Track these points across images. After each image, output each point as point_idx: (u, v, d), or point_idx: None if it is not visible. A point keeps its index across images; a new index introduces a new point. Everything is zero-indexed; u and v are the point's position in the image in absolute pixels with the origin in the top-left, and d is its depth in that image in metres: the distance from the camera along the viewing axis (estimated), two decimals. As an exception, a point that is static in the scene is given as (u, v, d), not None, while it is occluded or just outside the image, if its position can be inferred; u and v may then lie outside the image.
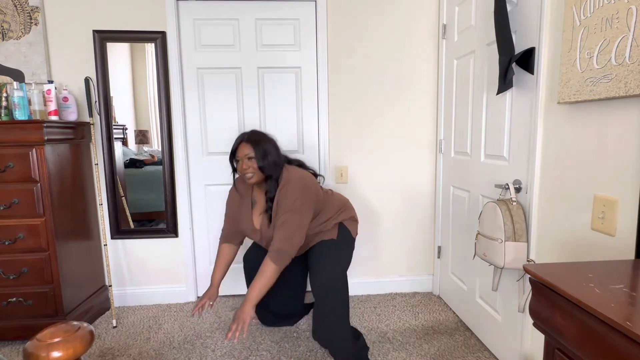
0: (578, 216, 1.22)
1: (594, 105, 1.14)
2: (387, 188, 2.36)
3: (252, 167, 1.53)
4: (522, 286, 1.47)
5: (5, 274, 1.81)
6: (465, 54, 1.93)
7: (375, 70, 2.26)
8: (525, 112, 1.46)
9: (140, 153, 2.26)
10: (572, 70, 1.17)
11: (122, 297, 2.30)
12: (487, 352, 1.76)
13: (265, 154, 1.54)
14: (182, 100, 2.20)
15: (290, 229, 1.50)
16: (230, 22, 2.18)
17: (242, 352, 1.79)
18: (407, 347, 1.81)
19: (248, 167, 1.53)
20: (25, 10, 2.04)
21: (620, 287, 0.71)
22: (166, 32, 2.13)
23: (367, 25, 2.22)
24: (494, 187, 1.67)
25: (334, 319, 1.57)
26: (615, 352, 0.61)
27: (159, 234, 2.28)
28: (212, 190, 2.30)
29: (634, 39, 0.96)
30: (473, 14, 1.85)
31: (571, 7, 1.17)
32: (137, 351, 1.81)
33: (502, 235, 1.40)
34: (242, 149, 1.55)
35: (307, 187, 1.57)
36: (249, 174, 1.53)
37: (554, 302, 0.75)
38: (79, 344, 0.87)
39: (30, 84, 2.02)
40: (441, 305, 2.24)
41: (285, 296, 1.96)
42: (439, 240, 2.35)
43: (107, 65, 2.12)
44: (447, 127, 2.19)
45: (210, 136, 2.25)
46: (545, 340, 0.82)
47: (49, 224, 1.81)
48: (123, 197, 2.24)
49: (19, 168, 1.75)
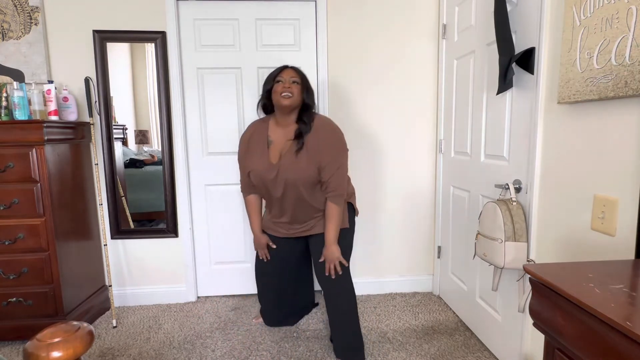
0: (578, 216, 1.22)
1: (594, 105, 1.14)
2: (387, 188, 2.36)
3: (295, 90, 1.57)
4: (522, 286, 1.47)
5: (5, 274, 1.81)
6: (465, 54, 1.93)
7: (375, 70, 2.26)
8: (525, 112, 1.46)
9: (140, 153, 2.26)
10: (572, 70, 1.17)
11: (122, 297, 2.30)
12: (487, 352, 1.76)
13: (309, 87, 1.64)
14: (182, 100, 2.20)
15: (342, 172, 1.61)
16: (230, 22, 2.18)
17: (242, 352, 1.79)
18: (407, 347, 1.81)
19: (290, 87, 1.56)
20: (25, 10, 2.04)
21: (620, 287, 0.71)
22: (166, 32, 2.13)
23: (367, 25, 2.22)
24: (494, 187, 1.67)
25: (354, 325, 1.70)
26: (615, 352, 0.61)
27: (159, 234, 2.28)
28: (212, 190, 2.30)
29: (634, 39, 0.96)
30: (473, 14, 1.85)
31: (571, 7, 1.17)
32: (137, 351, 1.81)
33: (502, 235, 1.40)
34: (288, 71, 1.61)
35: (341, 133, 1.65)
36: (289, 94, 1.55)
37: (554, 302, 0.75)
38: (79, 344, 0.87)
39: (30, 84, 2.02)
40: (441, 305, 2.24)
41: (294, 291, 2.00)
42: (439, 240, 2.35)
43: (107, 65, 2.12)
44: (447, 127, 2.19)
45: (210, 136, 2.25)
46: (545, 340, 0.82)
47: (49, 224, 1.81)
48: (123, 197, 2.24)
49: (19, 168, 1.75)
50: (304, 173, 1.57)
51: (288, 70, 1.61)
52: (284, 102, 1.55)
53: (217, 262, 2.36)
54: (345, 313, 1.69)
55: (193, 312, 2.19)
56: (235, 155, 2.26)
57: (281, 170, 1.59)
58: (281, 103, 1.56)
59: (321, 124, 1.61)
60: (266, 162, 1.63)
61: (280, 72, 1.61)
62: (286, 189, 1.62)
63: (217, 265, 2.37)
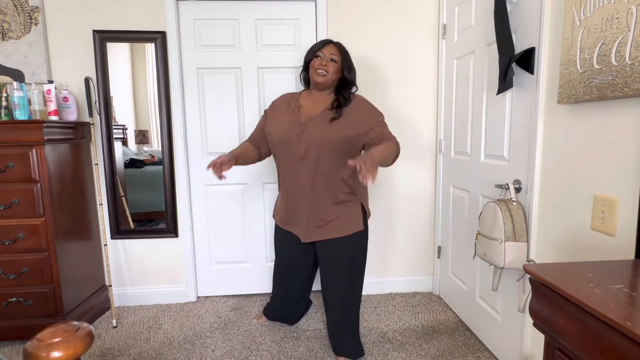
0: (578, 216, 1.22)
1: (594, 105, 1.14)
2: (387, 188, 2.36)
3: (330, 68, 1.57)
4: (522, 286, 1.47)
5: (5, 274, 1.81)
6: (465, 54, 1.93)
7: (375, 70, 2.26)
8: (525, 112, 1.46)
9: (140, 153, 2.26)
10: (572, 70, 1.17)
11: (122, 297, 2.30)
12: (487, 352, 1.76)
13: (350, 65, 1.63)
14: (182, 100, 2.20)
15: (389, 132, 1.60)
16: (230, 22, 2.18)
17: (242, 352, 1.79)
18: (407, 347, 1.81)
19: (327, 64, 1.56)
20: (25, 10, 2.04)
21: (620, 287, 0.71)
22: (166, 32, 2.13)
23: (366, 25, 2.22)
24: (494, 187, 1.67)
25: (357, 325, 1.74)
26: (615, 352, 0.61)
27: (159, 234, 2.28)
28: (212, 190, 2.30)
29: (634, 39, 0.96)
30: (473, 14, 1.85)
31: (571, 7, 1.17)
32: (137, 351, 1.81)
33: (502, 235, 1.40)
34: (329, 48, 1.59)
35: None
36: (324, 71, 1.56)
37: (554, 302, 0.75)
38: (79, 344, 0.87)
39: (30, 84, 2.02)
40: (441, 305, 2.24)
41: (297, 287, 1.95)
42: (439, 240, 2.35)
43: (107, 65, 2.12)
44: (447, 127, 2.19)
45: (210, 136, 2.25)
46: (545, 340, 0.82)
47: (49, 224, 1.81)
48: (123, 197, 2.24)
49: (19, 168, 1.75)
50: (333, 134, 1.52)
51: (329, 46, 1.60)
52: (318, 79, 1.57)
53: (217, 262, 2.36)
54: (350, 314, 1.72)
55: (193, 312, 2.19)
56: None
57: (308, 128, 1.55)
58: (315, 79, 1.58)
59: (361, 99, 1.64)
60: (294, 118, 1.59)
61: (321, 47, 1.60)
62: (309, 150, 1.53)
63: (217, 265, 2.37)
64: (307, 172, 1.57)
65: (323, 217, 1.62)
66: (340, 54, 1.60)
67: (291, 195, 1.65)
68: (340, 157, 1.55)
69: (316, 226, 1.64)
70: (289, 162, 1.61)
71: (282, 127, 1.59)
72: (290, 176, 1.63)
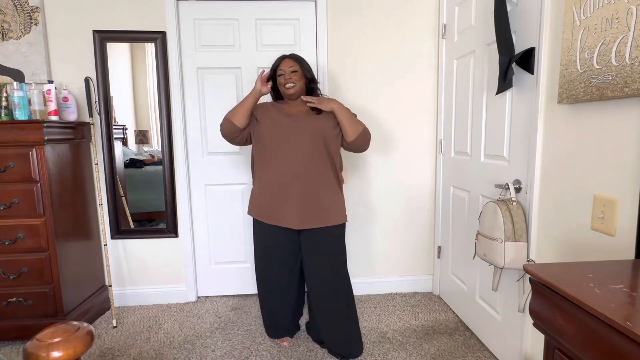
0: (578, 216, 1.22)
1: (594, 105, 1.14)
2: (387, 188, 2.36)
3: (295, 77, 1.68)
4: (522, 286, 1.47)
5: (5, 274, 1.81)
6: (465, 54, 1.93)
7: (375, 70, 2.26)
8: (525, 112, 1.46)
9: (140, 153, 2.26)
10: (572, 70, 1.17)
11: (122, 297, 2.30)
12: (487, 352, 1.76)
13: (309, 68, 1.74)
14: (182, 100, 2.20)
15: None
16: (230, 22, 2.18)
17: (242, 352, 1.79)
18: (407, 347, 1.81)
19: (291, 77, 1.67)
20: (25, 10, 2.04)
21: (620, 287, 0.71)
22: (166, 32, 2.13)
23: (367, 25, 2.22)
24: (494, 187, 1.67)
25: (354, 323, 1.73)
26: (615, 352, 0.61)
27: (159, 234, 2.28)
28: (212, 190, 2.30)
29: (634, 39, 0.96)
30: (473, 14, 1.85)
31: (571, 7, 1.17)
32: (137, 351, 1.81)
33: (502, 235, 1.40)
34: (286, 62, 1.70)
35: None
36: (292, 84, 1.67)
37: (554, 302, 0.75)
38: (79, 344, 0.87)
39: (30, 84, 2.02)
40: (441, 305, 2.24)
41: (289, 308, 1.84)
42: (439, 240, 2.35)
43: (107, 65, 2.12)
44: (447, 127, 2.19)
45: (210, 136, 2.25)
46: (545, 340, 0.82)
47: (49, 224, 1.81)
48: (123, 197, 2.24)
49: (19, 168, 1.75)
50: (322, 123, 1.66)
51: (285, 61, 1.70)
52: (290, 91, 1.68)
53: (217, 262, 2.36)
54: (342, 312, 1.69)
55: (193, 312, 2.19)
56: (235, 156, 2.27)
57: (300, 118, 1.67)
58: (287, 93, 1.69)
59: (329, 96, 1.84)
60: (285, 114, 1.69)
61: (279, 65, 1.70)
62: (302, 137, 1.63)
63: (217, 265, 2.37)
64: (301, 159, 1.63)
65: (318, 203, 1.64)
66: (297, 63, 1.70)
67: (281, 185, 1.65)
68: (328, 148, 1.66)
69: (310, 213, 1.64)
70: (281, 150, 1.64)
71: (275, 118, 1.68)
72: (279, 166, 1.64)
